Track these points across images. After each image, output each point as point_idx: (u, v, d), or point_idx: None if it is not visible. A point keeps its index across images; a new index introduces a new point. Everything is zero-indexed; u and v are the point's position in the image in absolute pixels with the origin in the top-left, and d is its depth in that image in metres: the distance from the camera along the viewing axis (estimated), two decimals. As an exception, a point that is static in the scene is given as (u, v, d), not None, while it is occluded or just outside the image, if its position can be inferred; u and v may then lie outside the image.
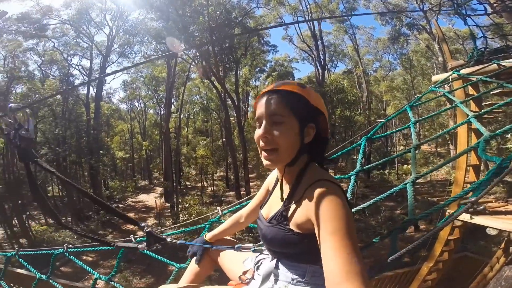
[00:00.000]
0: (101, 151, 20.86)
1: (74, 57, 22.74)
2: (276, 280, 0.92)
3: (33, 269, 2.31)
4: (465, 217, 3.83)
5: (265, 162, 0.86)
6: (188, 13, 18.54)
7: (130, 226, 18.61)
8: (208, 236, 1.32)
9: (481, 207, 0.75)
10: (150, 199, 23.48)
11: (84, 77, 22.78)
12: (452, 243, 4.33)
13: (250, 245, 1.14)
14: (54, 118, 19.04)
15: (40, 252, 2.30)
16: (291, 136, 0.84)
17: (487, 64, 3.31)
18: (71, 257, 2.10)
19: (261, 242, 1.06)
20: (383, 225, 14.73)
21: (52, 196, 20.46)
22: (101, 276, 1.91)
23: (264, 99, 0.87)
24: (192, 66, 22.81)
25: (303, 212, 0.80)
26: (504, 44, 4.15)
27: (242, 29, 21.25)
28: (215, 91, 22.83)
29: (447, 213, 4.16)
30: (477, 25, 4.14)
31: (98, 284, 1.87)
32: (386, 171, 21.48)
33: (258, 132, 0.86)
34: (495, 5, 3.85)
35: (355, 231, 0.70)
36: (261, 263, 1.04)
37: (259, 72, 29.20)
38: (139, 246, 1.12)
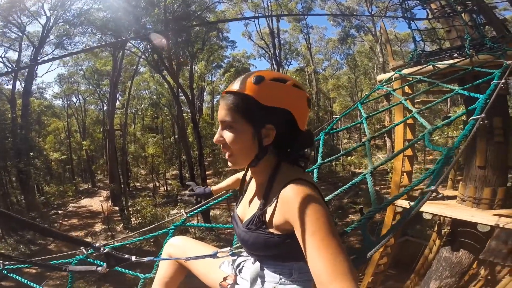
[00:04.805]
0: (31, 153, 18.21)
1: (-2, 48, 18.98)
2: (263, 282, 0.89)
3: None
4: (404, 203, 4.30)
5: (228, 163, 0.87)
6: (142, 4, 17.02)
7: (77, 232, 16.73)
8: (214, 188, 1.40)
9: (440, 195, 0.83)
10: (95, 203, 21.32)
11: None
12: (396, 228, 4.88)
13: (227, 249, 1.08)
14: (-32, 118, 15.94)
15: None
16: (243, 140, 0.80)
17: (425, 66, 3.79)
18: (10, 274, 1.81)
19: (239, 244, 1.03)
20: (334, 214, 15.92)
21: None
22: None
23: (221, 102, 0.83)
24: (141, 59, 21.23)
25: (280, 213, 0.77)
26: (438, 47, 4.70)
27: (201, 23, 20.38)
28: (166, 86, 21.67)
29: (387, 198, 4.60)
30: (418, 29, 4.70)
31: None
32: (333, 163, 23.13)
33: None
34: (435, 11, 4.38)
35: (335, 229, 0.68)
36: (243, 266, 1.00)
37: (216, 67, 28.69)
38: (98, 269, 1.00)
